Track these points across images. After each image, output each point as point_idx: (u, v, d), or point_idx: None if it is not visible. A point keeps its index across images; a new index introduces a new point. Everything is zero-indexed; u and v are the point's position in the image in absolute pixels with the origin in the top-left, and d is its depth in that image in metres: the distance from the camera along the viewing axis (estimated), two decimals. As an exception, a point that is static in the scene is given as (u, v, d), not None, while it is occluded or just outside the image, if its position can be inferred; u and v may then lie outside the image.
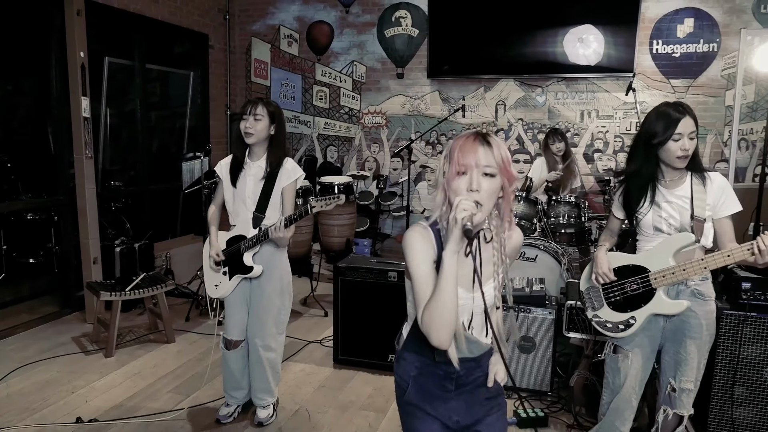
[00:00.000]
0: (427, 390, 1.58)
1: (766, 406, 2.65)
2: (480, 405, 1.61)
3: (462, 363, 1.51)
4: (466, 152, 1.41)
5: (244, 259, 2.70)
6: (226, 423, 2.86)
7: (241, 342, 2.85)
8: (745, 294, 2.62)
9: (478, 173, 1.41)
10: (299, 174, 2.77)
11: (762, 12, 4.91)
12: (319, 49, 6.13)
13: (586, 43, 5.26)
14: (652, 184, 2.20)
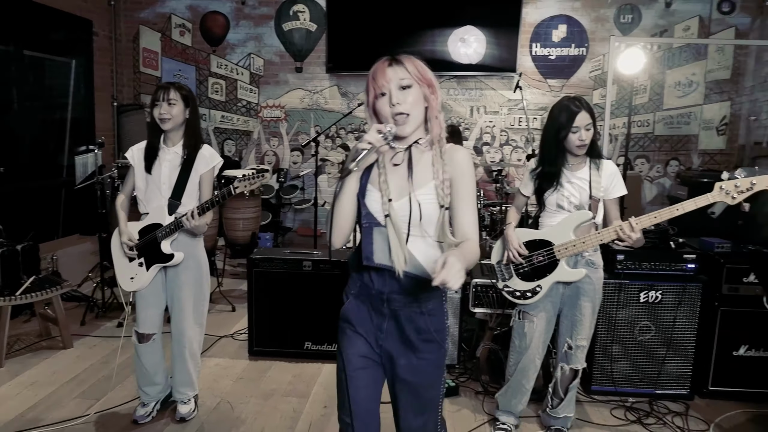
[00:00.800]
0: (361, 308, 1.66)
1: (637, 360, 3.10)
2: (409, 343, 1.62)
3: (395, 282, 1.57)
4: (379, 74, 1.55)
5: (162, 247, 2.63)
6: (144, 423, 2.78)
7: (153, 335, 2.76)
8: (620, 264, 3.06)
9: (396, 88, 1.53)
10: (218, 161, 2.73)
11: (622, 21, 5.61)
12: (214, 40, 5.98)
13: (467, 43, 5.66)
14: (559, 170, 2.52)
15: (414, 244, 1.58)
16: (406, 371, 1.64)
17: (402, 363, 1.64)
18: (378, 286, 1.61)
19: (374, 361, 1.67)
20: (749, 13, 5.51)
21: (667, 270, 3.07)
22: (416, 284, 1.59)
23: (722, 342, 3.12)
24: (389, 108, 1.52)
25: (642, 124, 5.71)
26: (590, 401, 3.09)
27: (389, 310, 1.62)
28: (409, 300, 1.60)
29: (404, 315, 1.62)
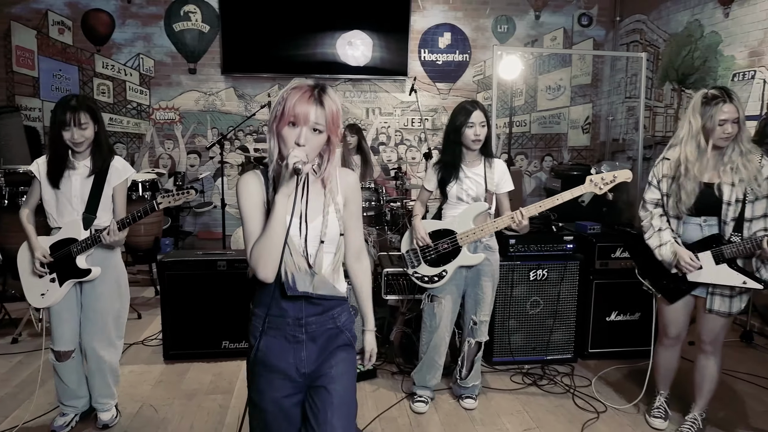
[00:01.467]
0: (275, 344, 1.62)
1: (529, 332, 3.52)
2: (329, 356, 1.66)
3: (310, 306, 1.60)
4: (299, 107, 1.48)
5: (78, 263, 2.56)
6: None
7: (72, 352, 2.67)
8: (512, 248, 3.45)
9: (308, 129, 1.49)
10: (130, 172, 2.70)
11: (499, 31, 6.17)
12: (97, 40, 5.70)
13: (354, 46, 5.92)
14: (457, 164, 2.82)
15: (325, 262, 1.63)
16: (330, 382, 1.65)
17: (324, 377, 1.65)
18: (293, 313, 1.61)
19: (297, 395, 1.67)
20: (604, 27, 6.32)
21: (550, 251, 3.51)
22: (330, 302, 1.64)
23: (597, 310, 3.62)
24: (293, 143, 1.49)
25: (520, 124, 6.32)
26: (492, 371, 3.46)
27: (306, 334, 1.62)
28: (324, 319, 1.64)
29: (321, 334, 1.65)
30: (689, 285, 2.54)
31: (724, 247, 2.41)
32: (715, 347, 2.60)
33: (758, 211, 2.40)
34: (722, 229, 2.44)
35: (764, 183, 2.39)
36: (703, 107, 2.41)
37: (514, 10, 6.18)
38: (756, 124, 4.26)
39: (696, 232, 2.51)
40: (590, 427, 2.83)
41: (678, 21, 5.18)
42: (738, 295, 2.49)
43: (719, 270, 2.43)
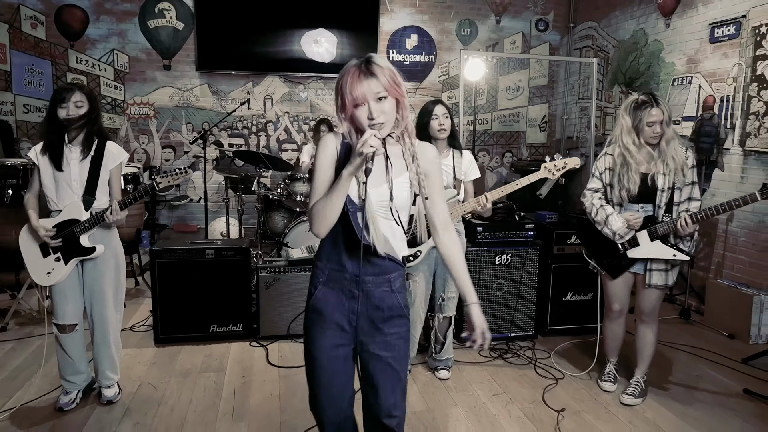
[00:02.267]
0: (331, 296, 1.73)
1: (495, 311, 3.87)
2: (382, 320, 1.73)
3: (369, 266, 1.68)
4: (355, 87, 1.56)
5: (82, 242, 2.75)
6: (70, 410, 2.88)
7: (76, 325, 2.87)
8: (479, 235, 3.80)
9: (373, 101, 1.57)
10: (124, 156, 2.90)
11: (462, 34, 6.53)
12: (71, 35, 5.76)
13: (319, 44, 6.16)
14: None
15: (386, 227, 1.69)
16: (381, 348, 1.74)
17: (376, 341, 1.74)
18: (352, 270, 1.69)
19: (347, 345, 1.75)
20: (559, 32, 6.78)
21: (513, 237, 3.88)
22: (387, 264, 1.71)
23: (556, 291, 4.02)
24: (367, 119, 1.58)
25: (482, 122, 6.71)
26: (462, 347, 3.79)
27: (361, 291, 1.69)
28: (380, 280, 1.71)
29: (376, 295, 1.72)
30: (629, 261, 2.95)
31: (657, 226, 2.84)
32: (652, 317, 3.02)
33: (684, 196, 2.84)
34: (656, 212, 2.86)
35: (689, 172, 2.83)
36: (634, 111, 2.83)
37: (476, 15, 6.56)
38: (693, 125, 4.76)
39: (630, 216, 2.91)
40: (550, 391, 3.20)
41: (625, 29, 5.66)
42: (671, 269, 2.91)
43: (654, 246, 2.86)
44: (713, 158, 4.54)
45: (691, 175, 2.84)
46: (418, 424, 2.83)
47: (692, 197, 2.84)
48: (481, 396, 3.15)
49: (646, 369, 3.11)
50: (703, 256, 4.65)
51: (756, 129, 4.15)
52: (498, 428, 2.82)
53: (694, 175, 2.86)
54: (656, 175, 2.83)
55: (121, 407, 2.95)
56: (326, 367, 1.75)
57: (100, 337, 2.92)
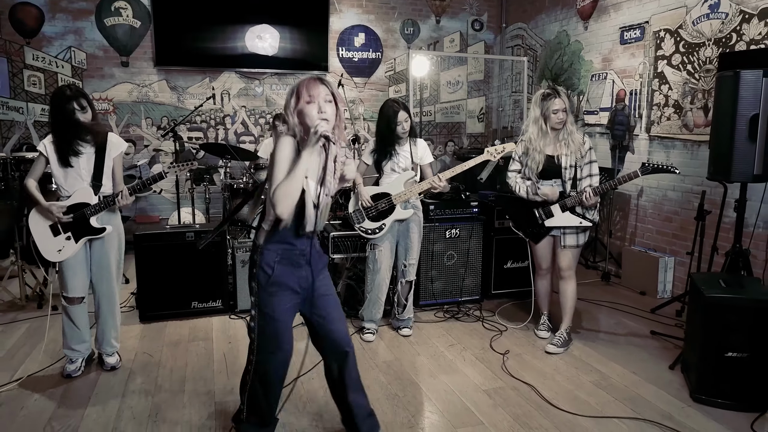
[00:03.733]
0: (286, 269, 2.19)
1: (447, 280, 4.44)
2: (318, 272, 2.28)
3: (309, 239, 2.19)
4: (312, 87, 2.06)
5: (92, 222, 3.10)
6: (77, 376, 3.19)
7: (83, 298, 3.18)
8: (432, 212, 4.35)
9: (323, 101, 2.06)
10: (125, 145, 3.27)
11: (406, 32, 7.07)
12: (27, 32, 5.85)
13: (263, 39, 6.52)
14: (392, 147, 3.67)
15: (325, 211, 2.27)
16: (323, 287, 2.31)
17: (318, 285, 2.28)
18: (301, 247, 2.19)
19: (296, 303, 2.25)
20: (493, 32, 7.44)
21: (461, 214, 4.45)
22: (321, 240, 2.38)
23: (498, 260, 4.63)
24: (317, 113, 2.06)
25: (426, 114, 7.28)
26: (420, 311, 4.34)
27: (305, 261, 2.22)
28: (317, 249, 2.28)
29: (315, 259, 2.26)
30: (547, 229, 3.60)
31: (566, 200, 3.49)
32: (569, 273, 3.64)
33: (585, 173, 3.49)
34: (565, 187, 3.51)
35: (586, 154, 3.48)
36: (541, 102, 3.46)
37: (418, 15, 7.10)
38: (608, 114, 5.50)
39: (548, 190, 3.53)
40: (496, 340, 3.80)
41: (551, 30, 6.36)
42: (581, 232, 3.57)
43: (565, 215, 3.51)
44: (625, 143, 5.29)
45: (588, 155, 3.49)
46: (388, 370, 3.35)
47: (592, 173, 3.50)
48: (439, 346, 3.70)
49: (569, 322, 3.72)
50: (620, 227, 5.41)
51: (658, 118, 4.91)
52: (455, 368, 3.38)
53: (591, 154, 3.50)
54: (560, 156, 3.48)
55: (124, 371, 3.29)
56: (287, 323, 2.26)
57: (106, 307, 3.27)
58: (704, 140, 4.38)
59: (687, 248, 4.41)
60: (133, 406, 2.90)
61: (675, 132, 4.75)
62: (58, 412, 2.83)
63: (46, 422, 2.73)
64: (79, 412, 2.83)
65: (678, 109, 4.70)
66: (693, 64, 4.55)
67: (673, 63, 4.73)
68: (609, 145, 5.46)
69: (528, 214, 3.64)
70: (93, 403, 2.92)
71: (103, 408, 2.87)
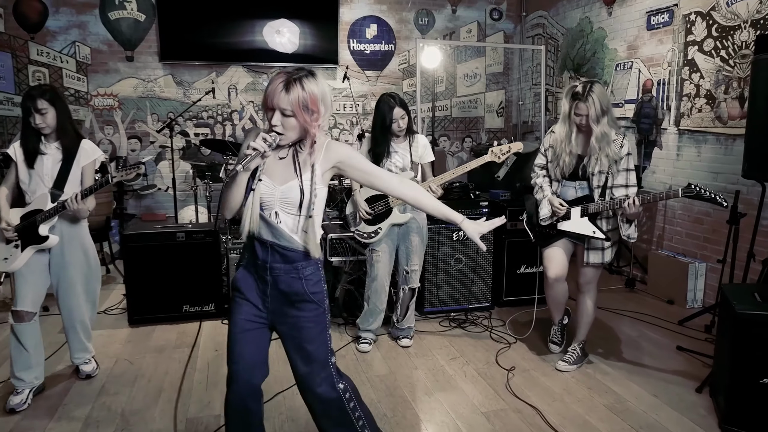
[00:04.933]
0: (249, 278, 1.95)
1: (454, 286, 4.14)
2: (290, 304, 1.92)
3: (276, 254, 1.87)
4: (270, 95, 1.78)
5: (39, 230, 2.81)
6: (21, 410, 2.77)
7: (33, 314, 2.89)
8: (438, 213, 4.05)
9: (278, 113, 1.78)
10: (98, 154, 2.99)
11: (420, 23, 6.75)
12: (30, 27, 5.75)
13: (281, 34, 6.29)
14: (388, 145, 3.39)
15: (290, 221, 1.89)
16: (289, 328, 1.95)
17: (285, 321, 1.94)
18: (262, 256, 1.89)
19: (260, 323, 1.95)
20: (512, 21, 7.06)
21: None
22: (292, 254, 1.88)
23: (510, 264, 4.30)
24: (271, 124, 1.80)
25: (442, 108, 6.96)
26: (424, 319, 4.05)
27: (271, 277, 1.90)
28: (287, 268, 1.89)
29: (284, 281, 1.90)
30: (558, 232, 3.21)
31: (589, 204, 3.08)
32: (590, 288, 3.26)
33: (619, 182, 3.03)
34: (592, 192, 3.09)
35: (622, 160, 3.01)
36: (570, 99, 3.01)
37: (433, 5, 6.78)
38: (634, 107, 5.10)
39: (571, 192, 3.17)
40: (503, 354, 3.48)
41: (572, 18, 5.97)
42: (608, 248, 3.14)
43: (581, 221, 3.09)
44: (652, 137, 4.89)
45: (625, 162, 3.01)
46: (380, 385, 3.07)
47: (629, 183, 3.03)
48: (439, 359, 3.40)
49: (584, 337, 3.35)
50: (646, 229, 5.01)
51: (689, 110, 4.50)
52: (453, 385, 3.08)
53: (629, 162, 3.03)
54: (590, 159, 3.04)
55: (99, 380, 3.10)
56: (238, 338, 1.93)
57: (68, 322, 3.07)
58: (740, 134, 3.96)
59: (720, 253, 3.99)
60: (100, 420, 2.69)
61: (707, 125, 4.33)
62: (22, 425, 2.64)
63: (4, 437, 2.55)
64: (42, 424, 2.64)
65: (710, 100, 4.28)
66: (727, 50, 4.12)
67: (705, 49, 4.31)
68: (634, 140, 5.05)
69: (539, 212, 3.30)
70: (59, 416, 2.73)
71: (69, 421, 2.67)
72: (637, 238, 3.12)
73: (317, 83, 1.84)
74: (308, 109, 1.80)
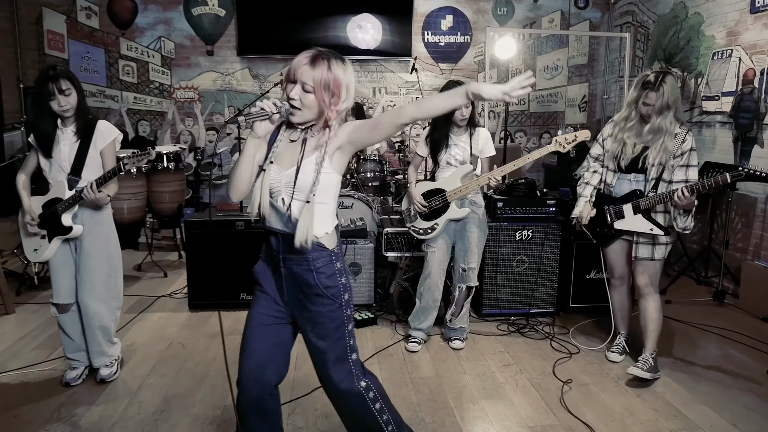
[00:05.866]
0: (267, 270, 1.88)
1: (515, 287, 3.90)
2: (304, 297, 1.82)
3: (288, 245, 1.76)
4: (294, 65, 1.71)
5: (63, 220, 2.73)
6: (75, 385, 2.88)
7: (71, 305, 2.87)
8: (500, 210, 3.83)
9: (299, 86, 1.70)
10: (116, 134, 2.84)
11: (498, 13, 6.48)
12: (122, 24, 6.11)
13: (365, 30, 6.25)
14: (447, 135, 3.23)
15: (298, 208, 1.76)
16: (305, 322, 1.85)
17: (304, 316, 1.85)
18: (276, 247, 1.81)
19: (279, 317, 1.86)
20: (599, 9, 6.60)
21: (535, 213, 3.88)
22: None
23: (578, 268, 3.99)
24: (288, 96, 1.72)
25: (519, 102, 6.65)
26: (481, 321, 3.85)
27: (285, 269, 1.81)
28: (300, 259, 1.78)
29: (298, 273, 1.80)
30: (616, 231, 3.04)
31: (640, 200, 2.90)
32: (649, 290, 3.00)
33: (678, 177, 2.84)
34: (645, 186, 2.90)
35: (685, 155, 2.84)
36: (641, 88, 2.86)
37: (513, -7, 6.49)
38: (732, 99, 4.57)
39: (626, 186, 2.98)
40: (561, 364, 3.22)
41: (665, 2, 5.46)
42: (660, 244, 2.93)
43: (636, 219, 2.92)
44: (752, 134, 4.36)
45: (686, 157, 2.85)
46: (424, 388, 2.93)
47: (689, 179, 2.84)
48: (491, 365, 3.21)
49: (653, 346, 3.05)
50: (740, 236, 4.48)
51: (798, 103, 3.96)
52: (502, 394, 2.88)
53: (691, 158, 2.86)
54: (650, 150, 2.89)
55: (150, 362, 3.19)
56: (254, 333, 1.85)
57: (86, 320, 2.90)
58: None
59: (827, 267, 3.47)
60: (143, 400, 2.76)
61: (819, 121, 3.79)
62: (73, 398, 2.76)
63: (55, 408, 2.67)
64: (91, 399, 2.75)
65: (824, 92, 3.74)
66: None
67: (820, 34, 3.76)
68: (732, 136, 4.53)
69: (599, 213, 3.10)
70: (107, 393, 2.83)
71: (113, 401, 2.76)
72: (691, 228, 2.85)
73: (345, 69, 1.77)
74: (329, 89, 1.72)
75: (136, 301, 4.15)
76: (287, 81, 1.74)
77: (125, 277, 3.09)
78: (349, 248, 4.01)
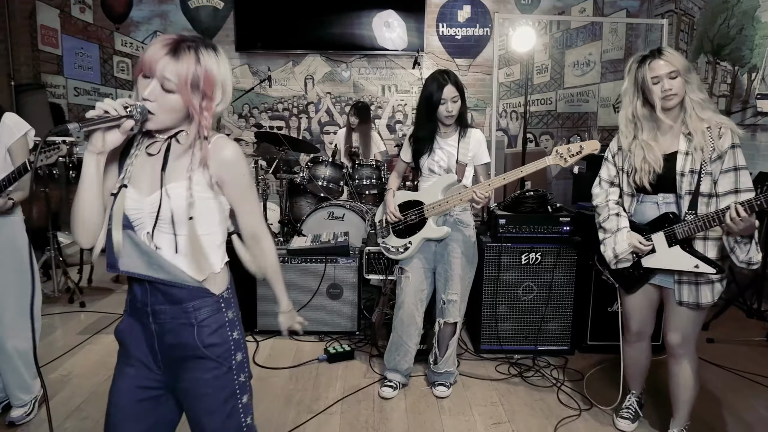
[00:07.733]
0: (135, 327, 1.42)
1: (520, 320, 3.29)
2: (180, 361, 1.40)
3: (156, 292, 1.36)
4: (150, 56, 1.27)
5: None
6: None
7: None
8: (502, 228, 3.22)
9: (156, 83, 1.27)
10: (26, 128, 2.41)
11: (522, 2, 5.82)
12: (116, 18, 5.78)
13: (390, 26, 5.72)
14: (432, 136, 2.70)
15: (165, 243, 1.34)
16: (183, 395, 1.43)
17: (178, 387, 1.42)
18: (141, 297, 1.37)
19: (155, 389, 1.43)
20: (639, -4, 5.87)
21: (545, 233, 3.26)
22: (180, 291, 1.35)
23: (597, 299, 3.34)
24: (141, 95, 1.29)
25: (545, 102, 5.97)
26: (478, 359, 3.26)
27: (156, 325, 1.38)
28: (175, 311, 1.36)
29: (171, 329, 1.38)
30: (645, 271, 2.24)
31: (676, 227, 2.10)
32: (686, 349, 2.25)
33: (725, 187, 2.06)
34: (679, 206, 2.14)
35: (726, 155, 2.05)
36: (636, 69, 2.13)
37: (540, -20, 5.82)
38: (794, 98, 3.81)
39: (652, 211, 2.21)
40: (566, 425, 2.60)
41: (715, -14, 4.71)
42: (708, 283, 2.13)
43: (671, 252, 2.12)
44: (819, 140, 3.60)
45: (730, 158, 2.05)
46: (387, 452, 2.37)
47: (740, 188, 2.04)
48: (477, 424, 2.62)
49: (686, 417, 2.34)
50: (803, 263, 3.72)
51: None
52: (481, 468, 2.29)
53: (737, 156, 2.06)
54: (677, 154, 2.11)
55: (79, 396, 2.74)
56: (122, 416, 1.41)
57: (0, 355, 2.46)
58: None
59: None
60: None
61: None
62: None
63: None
64: None
65: None
66: None
67: None
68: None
69: (619, 246, 2.35)
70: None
71: None
72: (759, 263, 2.07)
73: (219, 62, 1.36)
74: (199, 90, 1.30)
75: (97, 320, 3.74)
76: (141, 75, 1.30)
77: (100, 290, 2.65)
78: (329, 267, 3.48)
